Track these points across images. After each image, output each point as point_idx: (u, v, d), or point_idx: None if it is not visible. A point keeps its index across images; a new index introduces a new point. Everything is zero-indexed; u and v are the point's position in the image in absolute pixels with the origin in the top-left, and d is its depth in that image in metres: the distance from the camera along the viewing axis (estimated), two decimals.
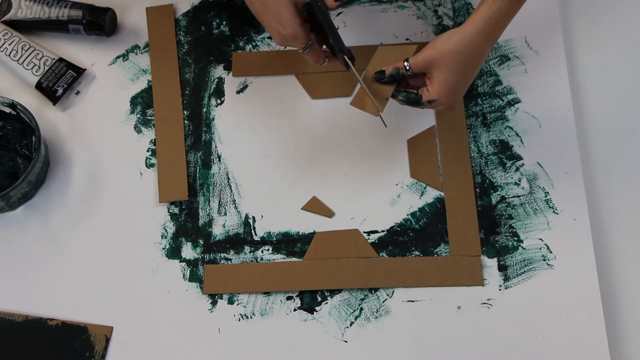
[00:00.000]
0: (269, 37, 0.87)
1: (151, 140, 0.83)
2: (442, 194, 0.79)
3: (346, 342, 0.74)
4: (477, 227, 0.77)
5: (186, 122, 0.84)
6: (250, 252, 0.78)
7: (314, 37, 0.68)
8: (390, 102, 0.71)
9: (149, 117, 0.84)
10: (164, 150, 0.82)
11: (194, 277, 0.77)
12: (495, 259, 0.76)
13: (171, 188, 0.80)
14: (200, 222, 0.80)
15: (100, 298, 0.77)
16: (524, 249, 0.76)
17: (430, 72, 0.67)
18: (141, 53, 0.87)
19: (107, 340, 0.75)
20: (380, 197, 0.79)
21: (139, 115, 0.85)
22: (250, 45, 0.87)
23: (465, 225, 0.77)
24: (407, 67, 0.68)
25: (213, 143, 0.83)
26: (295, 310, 0.75)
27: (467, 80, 0.68)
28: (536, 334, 0.73)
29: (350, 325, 0.74)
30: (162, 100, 0.84)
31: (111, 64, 0.87)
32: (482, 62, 0.67)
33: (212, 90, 0.85)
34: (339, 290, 0.76)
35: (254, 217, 0.79)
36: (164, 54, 0.87)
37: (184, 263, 0.78)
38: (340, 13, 0.88)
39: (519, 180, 0.79)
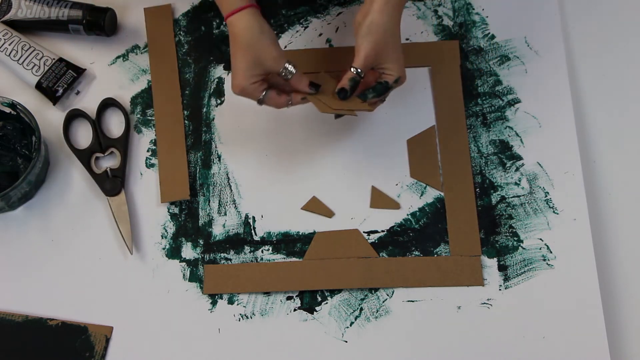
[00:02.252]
0: None
1: (151, 140, 0.83)
2: (442, 194, 0.79)
3: (346, 342, 0.74)
4: (477, 227, 0.77)
5: (186, 122, 0.84)
6: (250, 252, 0.78)
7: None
8: (389, 102, 0.71)
9: (149, 117, 0.84)
10: (164, 150, 0.82)
11: (194, 277, 0.77)
12: (495, 259, 0.76)
13: (172, 188, 0.80)
14: (200, 222, 0.80)
15: (100, 298, 0.77)
16: (524, 249, 0.76)
17: (380, 62, 0.70)
18: (141, 53, 0.87)
19: (107, 340, 0.75)
20: None
21: (139, 115, 0.85)
22: None
23: (465, 225, 0.77)
24: (359, 71, 0.70)
25: (213, 143, 0.83)
26: (295, 310, 0.75)
27: (401, 47, 0.71)
28: (536, 334, 0.73)
29: (350, 325, 0.74)
30: (162, 100, 0.84)
31: (111, 64, 0.87)
32: (400, 22, 0.70)
33: (212, 90, 0.86)
34: (339, 290, 0.76)
35: (254, 217, 0.79)
36: (164, 54, 0.87)
37: (184, 263, 0.78)
38: (340, 13, 0.88)
39: (519, 180, 0.79)
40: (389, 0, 0.68)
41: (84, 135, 0.84)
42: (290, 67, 0.70)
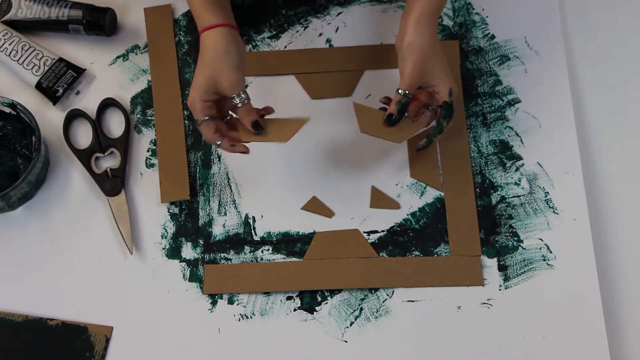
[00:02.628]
0: (269, 37, 0.87)
1: (151, 140, 0.83)
2: (442, 194, 0.79)
3: (346, 342, 0.74)
4: (477, 227, 0.77)
5: (186, 122, 0.84)
6: (250, 252, 0.78)
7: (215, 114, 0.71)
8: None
9: (149, 117, 0.84)
10: (164, 150, 0.82)
11: (194, 277, 0.77)
12: (495, 259, 0.76)
13: (173, 188, 0.80)
14: (200, 222, 0.80)
15: (100, 298, 0.77)
16: (524, 249, 0.76)
17: (426, 80, 0.71)
18: (141, 53, 0.87)
19: (107, 340, 0.75)
20: None
21: (139, 115, 0.85)
22: (250, 45, 0.87)
23: (465, 225, 0.77)
24: (406, 93, 0.70)
25: None
26: (295, 310, 0.75)
27: (444, 59, 0.71)
28: (536, 334, 0.73)
29: (350, 325, 0.74)
30: (162, 100, 0.84)
31: (111, 64, 0.87)
32: (436, 35, 0.71)
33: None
34: (339, 290, 0.76)
35: (254, 217, 0.79)
36: (164, 54, 0.87)
37: (184, 263, 0.78)
38: (340, 13, 0.88)
39: (519, 180, 0.79)
40: (420, 18, 0.69)
41: (84, 135, 0.84)
42: (243, 96, 0.70)
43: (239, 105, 0.70)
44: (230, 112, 0.74)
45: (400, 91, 0.70)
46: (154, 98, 0.85)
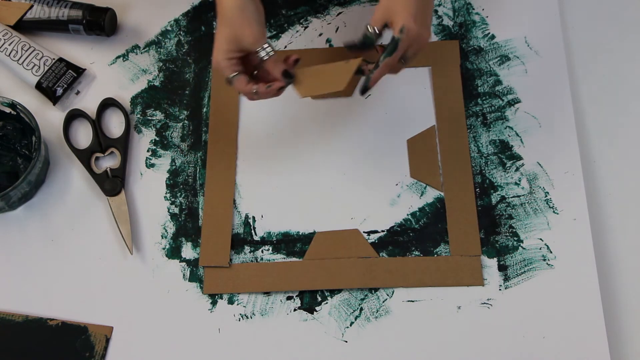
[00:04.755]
0: (269, 37, 0.87)
1: (151, 140, 0.83)
2: (442, 194, 0.79)
3: (346, 342, 0.74)
4: (477, 227, 0.77)
5: (186, 122, 0.84)
6: (250, 252, 0.78)
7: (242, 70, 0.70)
8: (389, 102, 0.70)
9: (149, 117, 0.84)
10: (210, 209, 0.79)
11: (194, 277, 0.77)
12: (495, 259, 0.76)
13: (214, 254, 0.77)
14: (200, 222, 0.80)
15: (100, 298, 0.77)
16: (524, 249, 0.76)
17: (390, 14, 0.67)
18: (141, 53, 0.88)
19: (107, 340, 0.75)
20: (380, 197, 0.79)
21: (139, 115, 0.85)
22: None
23: (465, 225, 0.77)
24: (373, 28, 0.68)
25: None
26: (295, 310, 0.75)
27: (425, 4, 0.68)
28: (536, 334, 0.73)
29: (350, 325, 0.74)
30: (216, 158, 0.82)
31: (111, 64, 0.87)
32: None
33: (212, 90, 0.85)
34: (339, 290, 0.76)
35: (254, 217, 0.79)
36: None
37: (184, 263, 0.78)
38: (340, 13, 0.88)
39: (519, 180, 0.79)
40: None
41: (84, 135, 0.84)
42: (268, 49, 0.68)
43: (265, 57, 0.68)
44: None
45: (369, 27, 0.69)
46: (210, 126, 0.83)
